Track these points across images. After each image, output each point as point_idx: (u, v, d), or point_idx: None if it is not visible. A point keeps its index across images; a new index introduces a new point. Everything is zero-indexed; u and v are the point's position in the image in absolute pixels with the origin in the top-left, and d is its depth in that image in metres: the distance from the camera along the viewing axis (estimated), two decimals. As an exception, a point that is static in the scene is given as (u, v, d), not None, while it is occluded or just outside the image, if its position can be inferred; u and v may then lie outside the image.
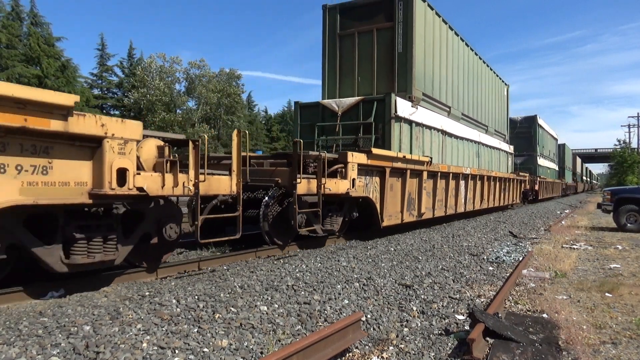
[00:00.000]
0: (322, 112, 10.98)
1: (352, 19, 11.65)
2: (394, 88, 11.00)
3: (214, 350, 3.26)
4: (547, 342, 3.70)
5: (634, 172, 54.05)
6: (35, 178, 4.10)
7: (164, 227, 5.46)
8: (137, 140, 4.80)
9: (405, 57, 10.97)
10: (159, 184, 5.06)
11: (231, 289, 4.89)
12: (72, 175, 4.37)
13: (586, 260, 7.84)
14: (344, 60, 11.85)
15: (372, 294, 5.01)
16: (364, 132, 10.35)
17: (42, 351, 3.08)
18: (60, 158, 4.28)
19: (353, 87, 11.66)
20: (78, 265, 4.59)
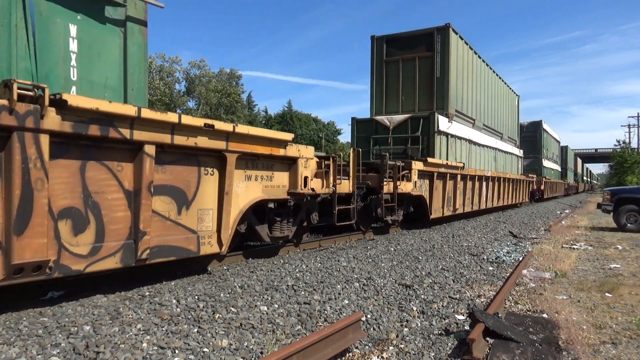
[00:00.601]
0: (376, 126, 13.27)
1: (397, 48, 14.05)
2: (433, 107, 13.24)
3: (214, 350, 3.26)
4: (547, 342, 3.70)
5: (634, 172, 54.08)
6: (267, 183, 6.47)
7: (310, 215, 7.74)
8: (311, 158, 7.18)
9: (443, 81, 13.24)
10: (320, 185, 7.52)
11: (231, 289, 4.90)
12: (280, 181, 6.74)
13: (586, 260, 7.84)
14: (389, 82, 14.13)
15: (372, 294, 5.01)
16: (412, 143, 12.62)
17: (42, 351, 3.08)
18: (277, 171, 6.66)
19: (397, 104, 13.92)
20: (275, 238, 7.04)
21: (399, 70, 13.92)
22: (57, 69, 4.56)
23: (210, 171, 5.47)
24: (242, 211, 5.96)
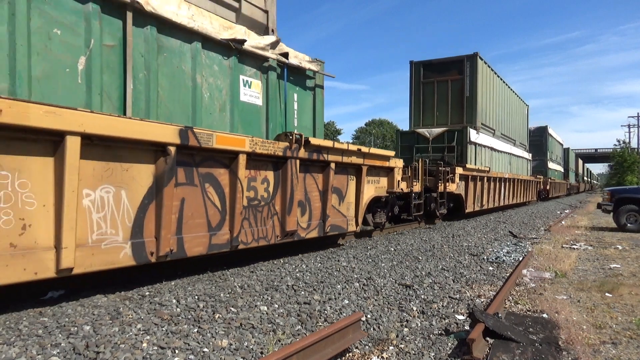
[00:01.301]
0: (417, 137, 15.88)
1: (432, 72, 16.59)
2: (464, 121, 15.92)
3: (214, 350, 3.26)
4: (547, 342, 3.71)
5: (634, 172, 54.09)
6: (377, 185, 9.09)
7: (393, 207, 10.46)
8: (400, 167, 9.75)
9: (472, 100, 15.94)
10: (405, 186, 10.33)
11: (231, 289, 4.90)
12: (383, 184, 9.35)
13: (586, 260, 7.84)
14: (425, 99, 16.75)
15: (372, 294, 5.01)
16: (448, 151, 15.21)
17: (42, 351, 3.08)
18: (382, 177, 9.29)
19: (433, 119, 16.61)
20: (376, 223, 9.73)
21: (434, 90, 16.51)
22: (291, 120, 7.66)
23: (352, 178, 8.29)
24: (366, 204, 8.74)
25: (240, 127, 6.57)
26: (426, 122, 16.70)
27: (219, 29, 6.11)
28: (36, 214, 3.80)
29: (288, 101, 7.51)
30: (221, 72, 6.29)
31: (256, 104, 6.91)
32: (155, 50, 5.35)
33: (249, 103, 6.77)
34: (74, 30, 4.56)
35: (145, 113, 5.22)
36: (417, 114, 16.94)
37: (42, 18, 4.27)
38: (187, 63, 5.76)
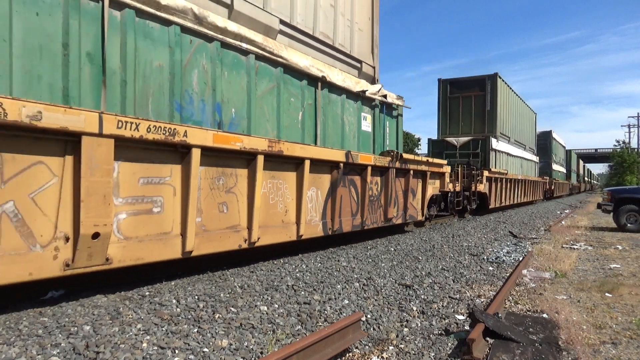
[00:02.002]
0: (446, 145, 18.82)
1: (457, 88, 19.66)
2: (485, 130, 19.08)
3: (214, 350, 3.26)
4: (547, 342, 3.71)
5: (634, 172, 54.10)
6: (433, 185, 11.60)
7: (440, 203, 12.75)
8: (449, 172, 12.30)
9: (492, 112, 19.07)
10: (452, 187, 13.11)
11: (231, 289, 4.90)
12: (437, 185, 11.85)
13: (586, 260, 7.84)
14: (452, 112, 19.78)
15: (372, 294, 5.01)
16: (473, 157, 18.07)
17: (42, 351, 3.08)
18: (437, 179, 11.84)
19: (458, 128, 19.70)
20: (429, 215, 12.01)
21: (459, 104, 19.58)
22: (384, 141, 10.20)
23: (420, 180, 10.96)
24: (428, 200, 11.25)
25: (361, 148, 9.38)
26: (452, 132, 19.61)
27: (354, 84, 8.96)
28: (290, 204, 6.79)
29: (383, 127, 10.31)
30: (353, 112, 9.19)
31: (369, 131, 9.73)
32: (327, 103, 8.34)
33: (365, 131, 9.60)
34: (297, 97, 7.57)
35: (322, 142, 8.14)
36: (444, 125, 19.98)
37: (287, 92, 7.33)
38: (339, 108, 8.68)
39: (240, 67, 6.43)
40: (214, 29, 5.91)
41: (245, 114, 6.53)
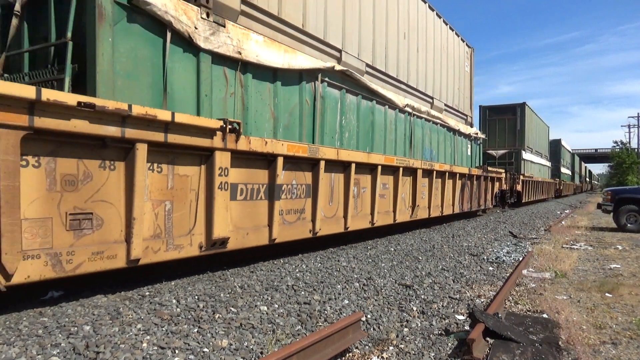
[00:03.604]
0: (488, 156, 23.67)
1: (495, 113, 25.84)
2: (516, 145, 25.03)
3: (214, 350, 3.26)
4: (547, 342, 3.70)
5: (634, 172, 54.08)
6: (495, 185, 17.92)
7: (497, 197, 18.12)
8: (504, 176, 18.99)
9: (522, 131, 25.19)
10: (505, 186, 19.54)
11: (231, 289, 4.90)
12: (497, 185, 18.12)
13: (586, 261, 7.84)
14: (490, 131, 25.14)
15: (372, 294, 5.01)
16: (508, 165, 23.44)
17: (42, 351, 3.08)
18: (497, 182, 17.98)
19: (495, 143, 25.22)
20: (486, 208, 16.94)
21: (496, 125, 25.65)
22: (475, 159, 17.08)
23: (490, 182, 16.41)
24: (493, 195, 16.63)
25: (467, 164, 15.69)
26: (491, 145, 24.96)
27: (465, 129, 15.48)
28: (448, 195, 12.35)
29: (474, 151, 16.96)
30: (464, 144, 15.72)
31: (469, 154, 16.18)
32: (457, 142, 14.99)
33: (467, 154, 15.98)
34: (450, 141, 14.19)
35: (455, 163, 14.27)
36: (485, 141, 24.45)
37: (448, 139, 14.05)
38: (460, 144, 15.19)
39: (441, 132, 13.41)
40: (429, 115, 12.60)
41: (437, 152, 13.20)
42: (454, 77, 14.64)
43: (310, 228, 6.97)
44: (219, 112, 5.77)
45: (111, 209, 4.28)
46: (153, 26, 5.02)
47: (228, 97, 5.93)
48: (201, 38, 5.39)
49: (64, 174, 3.94)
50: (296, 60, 6.92)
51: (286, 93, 6.95)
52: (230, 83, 5.96)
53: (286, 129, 6.96)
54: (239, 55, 5.90)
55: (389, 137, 10.10)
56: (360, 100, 8.90)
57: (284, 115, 6.93)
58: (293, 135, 7.11)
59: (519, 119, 25.13)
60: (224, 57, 5.78)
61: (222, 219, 5.29)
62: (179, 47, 5.29)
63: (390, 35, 10.25)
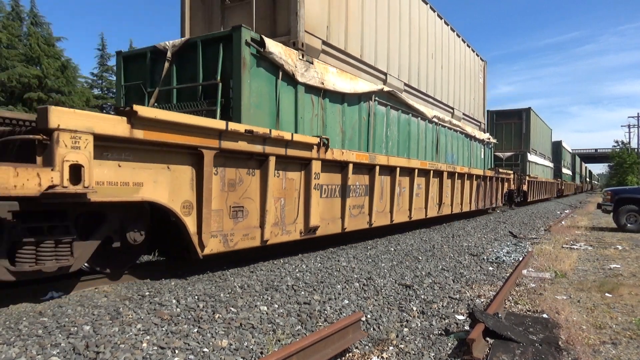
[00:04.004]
0: (495, 157, 22.81)
1: (501, 117, 27.88)
2: (522, 147, 26.96)
3: (214, 350, 3.26)
4: (547, 342, 3.70)
5: (634, 172, 54.06)
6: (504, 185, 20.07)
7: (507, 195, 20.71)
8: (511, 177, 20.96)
9: (527, 135, 27.26)
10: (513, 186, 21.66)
11: (231, 289, 4.90)
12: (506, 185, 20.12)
13: (586, 261, 7.84)
14: (497, 134, 25.89)
15: (372, 294, 5.01)
16: (515, 166, 25.22)
17: (42, 351, 3.08)
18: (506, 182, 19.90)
19: (502, 146, 26.37)
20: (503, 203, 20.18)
21: (503, 128, 27.36)
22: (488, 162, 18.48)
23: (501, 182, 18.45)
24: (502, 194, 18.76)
25: (481, 167, 16.89)
26: (498, 148, 25.05)
27: (479, 135, 16.98)
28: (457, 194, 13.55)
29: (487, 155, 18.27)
30: (479, 148, 17.10)
31: (482, 158, 17.50)
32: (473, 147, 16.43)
33: (481, 157, 17.34)
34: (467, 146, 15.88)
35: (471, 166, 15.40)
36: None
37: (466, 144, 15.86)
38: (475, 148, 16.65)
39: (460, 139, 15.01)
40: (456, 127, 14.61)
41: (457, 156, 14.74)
42: (470, 88, 16.38)
43: (368, 220, 8.80)
44: (307, 130, 7.41)
45: (252, 204, 6.10)
46: (271, 68, 6.72)
47: (313, 117, 7.62)
48: (299, 74, 7.09)
49: (229, 179, 5.72)
50: (357, 85, 8.67)
51: (350, 112, 8.67)
52: (315, 107, 7.68)
53: (350, 140, 8.66)
54: (322, 85, 7.60)
55: (420, 144, 11.84)
56: (400, 114, 10.66)
57: (349, 129, 8.64)
58: (353, 145, 8.73)
59: (525, 123, 27.38)
60: (312, 87, 7.47)
61: (315, 212, 7.13)
62: (285, 82, 6.96)
63: (422, 57, 12.01)
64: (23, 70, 26.72)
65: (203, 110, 6.44)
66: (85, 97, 31.25)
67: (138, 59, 7.55)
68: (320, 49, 7.81)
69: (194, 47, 6.76)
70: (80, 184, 3.99)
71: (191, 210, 5.23)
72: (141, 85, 7.36)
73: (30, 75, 26.93)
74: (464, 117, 15.57)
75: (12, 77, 25.64)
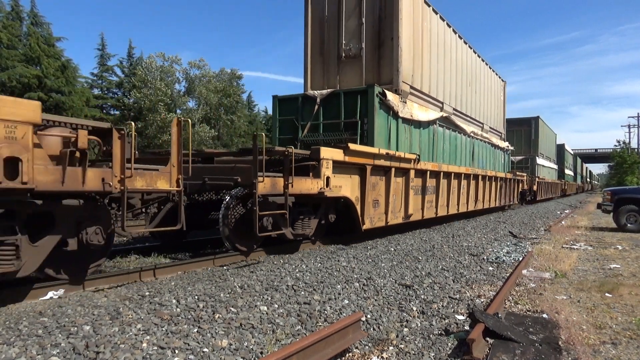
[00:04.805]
0: None
1: (513, 124, 28.70)
2: (531, 151, 30.35)
3: (214, 350, 3.26)
4: (547, 342, 3.70)
5: (634, 172, 54.03)
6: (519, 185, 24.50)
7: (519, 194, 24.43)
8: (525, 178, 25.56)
9: (536, 141, 30.87)
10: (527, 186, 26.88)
11: (231, 289, 4.90)
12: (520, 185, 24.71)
13: (586, 261, 7.84)
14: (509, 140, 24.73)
15: (372, 294, 5.01)
16: (525, 169, 28.00)
17: (42, 351, 3.08)
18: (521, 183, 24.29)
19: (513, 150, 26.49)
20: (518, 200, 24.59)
21: (514, 135, 29.30)
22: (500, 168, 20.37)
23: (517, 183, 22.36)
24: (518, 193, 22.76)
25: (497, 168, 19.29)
26: None
27: (502, 143, 20.39)
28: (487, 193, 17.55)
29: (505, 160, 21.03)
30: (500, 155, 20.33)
31: (502, 162, 20.57)
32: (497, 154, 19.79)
33: (502, 162, 20.41)
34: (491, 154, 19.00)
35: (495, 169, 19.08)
36: None
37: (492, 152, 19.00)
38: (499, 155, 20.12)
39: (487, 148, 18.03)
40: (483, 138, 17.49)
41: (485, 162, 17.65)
42: (494, 105, 19.80)
43: (435, 211, 12.37)
44: (402, 148, 10.67)
45: (381, 199, 9.63)
46: (386, 109, 10.02)
47: (405, 139, 10.96)
48: (400, 111, 10.36)
49: (372, 183, 9.16)
50: (429, 114, 12.04)
51: (423, 134, 12.00)
52: (406, 132, 11.03)
53: (423, 154, 11.66)
54: (410, 117, 10.88)
55: (462, 154, 15.13)
56: (450, 132, 13.98)
57: (423, 146, 11.98)
58: (424, 157, 11.70)
59: (533, 130, 30.94)
60: (405, 119, 10.79)
61: (411, 205, 10.72)
62: (392, 118, 10.30)
63: (463, 85, 15.21)
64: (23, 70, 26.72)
65: (345, 138, 9.61)
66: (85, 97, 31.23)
67: (290, 100, 10.85)
68: (409, 91, 11.01)
69: (337, 95, 10.09)
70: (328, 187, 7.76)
71: (358, 202, 8.78)
72: (294, 119, 10.61)
73: (30, 75, 26.92)
74: (490, 130, 18.88)
75: (12, 77, 25.64)
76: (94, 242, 4.66)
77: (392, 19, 10.30)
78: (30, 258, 4.23)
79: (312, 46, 11.42)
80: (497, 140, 19.83)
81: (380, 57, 10.57)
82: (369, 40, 10.69)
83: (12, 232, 4.04)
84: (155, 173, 5.08)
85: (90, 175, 4.41)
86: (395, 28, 10.28)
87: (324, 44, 11.27)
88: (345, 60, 10.89)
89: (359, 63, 10.73)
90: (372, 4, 10.64)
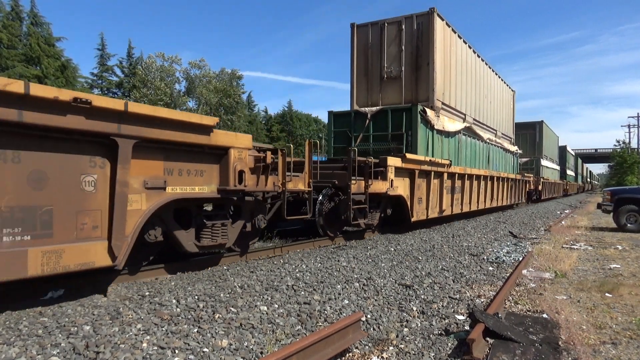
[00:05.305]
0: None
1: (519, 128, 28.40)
2: (536, 153, 32.41)
3: (214, 350, 3.26)
4: (547, 342, 3.70)
5: (634, 172, 54.03)
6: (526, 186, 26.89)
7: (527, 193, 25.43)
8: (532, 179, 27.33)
9: (540, 143, 33.13)
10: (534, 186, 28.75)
11: (231, 289, 4.90)
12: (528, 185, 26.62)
13: (586, 261, 7.84)
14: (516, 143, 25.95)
15: (372, 294, 5.01)
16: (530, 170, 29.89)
17: (42, 351, 3.08)
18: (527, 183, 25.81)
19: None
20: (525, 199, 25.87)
21: (520, 138, 29.81)
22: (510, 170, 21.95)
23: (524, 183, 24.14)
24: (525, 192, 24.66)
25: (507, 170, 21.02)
26: None
27: (511, 148, 22.02)
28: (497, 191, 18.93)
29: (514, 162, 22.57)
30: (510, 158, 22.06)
31: (512, 165, 22.28)
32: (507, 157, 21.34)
33: (511, 164, 22.06)
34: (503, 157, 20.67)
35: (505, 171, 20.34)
36: None
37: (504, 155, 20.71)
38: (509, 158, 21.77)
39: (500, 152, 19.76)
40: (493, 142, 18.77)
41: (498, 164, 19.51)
42: (505, 113, 21.71)
43: (461, 208, 14.05)
44: (436, 155, 12.44)
45: (423, 197, 11.35)
46: (425, 123, 11.97)
47: (437, 147, 12.71)
48: (435, 124, 12.22)
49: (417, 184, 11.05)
50: (455, 125, 13.90)
51: (451, 142, 13.92)
52: (439, 141, 12.86)
53: (451, 159, 13.13)
54: (442, 128, 12.77)
55: (480, 158, 17.01)
56: (470, 139, 15.94)
57: (450, 153, 13.86)
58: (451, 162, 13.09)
59: (538, 133, 32.93)
60: (439, 130, 12.67)
61: (445, 202, 12.51)
62: (429, 130, 12.21)
63: (480, 97, 17.00)
64: (23, 70, 26.74)
65: (392, 148, 11.68)
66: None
67: (343, 116, 12.98)
68: (441, 107, 12.89)
69: (385, 112, 12.17)
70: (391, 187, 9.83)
71: (408, 199, 10.70)
72: (347, 131, 12.68)
73: (30, 75, 26.93)
74: (502, 135, 20.76)
75: (12, 77, 25.69)
76: (260, 226, 6.66)
77: (429, 47, 12.33)
78: (232, 235, 6.19)
79: (357, 68, 13.52)
80: (508, 145, 21.82)
81: (418, 79, 12.62)
82: (407, 64, 12.76)
83: (225, 218, 5.99)
84: (296, 178, 7.19)
85: (270, 180, 6.60)
86: (431, 55, 12.30)
87: (368, 66, 13.38)
88: (387, 81, 13.02)
89: (399, 83, 12.83)
90: (410, 34, 12.71)
